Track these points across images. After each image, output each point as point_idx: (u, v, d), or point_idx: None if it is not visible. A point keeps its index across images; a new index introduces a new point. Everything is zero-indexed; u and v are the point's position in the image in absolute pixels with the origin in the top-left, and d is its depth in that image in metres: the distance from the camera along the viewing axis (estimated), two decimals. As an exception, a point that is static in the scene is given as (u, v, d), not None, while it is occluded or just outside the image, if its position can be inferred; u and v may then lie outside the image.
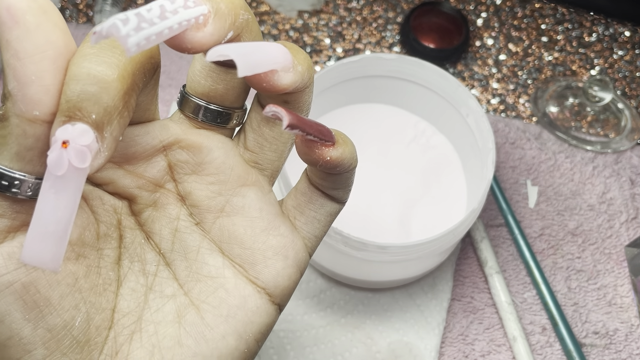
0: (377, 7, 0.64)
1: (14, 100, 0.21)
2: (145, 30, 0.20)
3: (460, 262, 0.53)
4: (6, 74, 0.21)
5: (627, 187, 0.56)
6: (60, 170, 0.20)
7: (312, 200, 0.28)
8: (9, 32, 0.20)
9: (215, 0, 0.22)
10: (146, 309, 0.26)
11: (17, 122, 0.21)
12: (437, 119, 0.54)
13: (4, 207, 0.22)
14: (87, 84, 0.21)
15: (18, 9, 0.20)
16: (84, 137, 0.20)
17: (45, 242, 0.21)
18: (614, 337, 0.51)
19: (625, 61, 0.63)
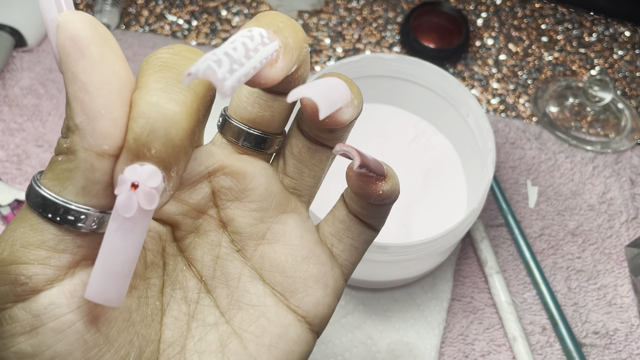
0: (377, 7, 0.64)
1: (82, 134, 0.20)
2: (237, 72, 0.20)
3: (460, 262, 0.53)
4: (72, 107, 0.20)
5: (627, 187, 0.56)
6: (130, 212, 0.20)
7: (351, 228, 0.28)
8: (75, 64, 0.20)
9: (284, 34, 0.22)
10: (189, 339, 0.26)
11: (85, 156, 0.20)
12: (437, 119, 0.54)
13: (67, 242, 0.21)
14: (157, 122, 0.20)
15: (82, 38, 0.20)
16: (153, 179, 0.20)
17: (111, 281, 0.21)
18: (614, 337, 0.51)
19: (625, 61, 0.63)
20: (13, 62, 0.59)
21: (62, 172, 0.21)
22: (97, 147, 0.20)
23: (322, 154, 0.27)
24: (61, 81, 0.58)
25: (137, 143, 0.20)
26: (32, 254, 0.21)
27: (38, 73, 0.59)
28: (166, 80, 0.21)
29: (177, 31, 0.62)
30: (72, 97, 0.20)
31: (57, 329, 0.21)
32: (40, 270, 0.21)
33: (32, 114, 0.57)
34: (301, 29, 0.24)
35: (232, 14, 0.63)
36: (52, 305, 0.21)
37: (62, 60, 0.20)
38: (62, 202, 0.21)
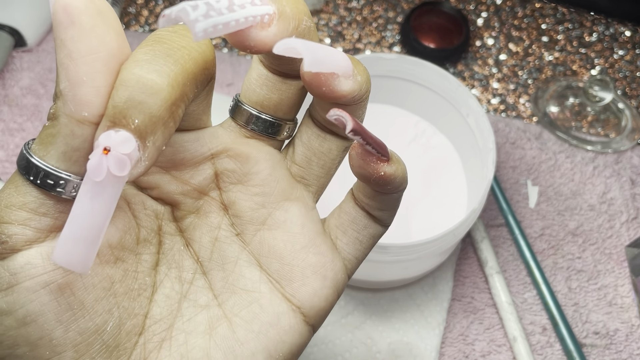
0: (377, 7, 0.64)
1: (65, 100, 0.21)
2: (213, 18, 0.20)
3: (460, 262, 0.53)
4: (58, 73, 0.21)
5: (628, 187, 0.56)
6: (99, 176, 0.20)
7: (356, 221, 0.28)
8: (64, 31, 0.20)
9: (281, 2, 0.22)
10: (178, 317, 0.26)
11: (66, 121, 0.21)
12: (438, 119, 0.54)
13: (48, 206, 0.22)
14: (135, 91, 0.20)
15: (75, 8, 0.20)
16: (125, 145, 0.20)
17: (76, 245, 0.21)
18: (614, 338, 0.51)
19: (625, 61, 0.62)
20: (13, 62, 0.59)
21: (46, 137, 0.21)
22: (77, 113, 0.21)
23: (331, 143, 0.27)
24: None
25: (115, 110, 0.20)
26: (14, 214, 0.22)
27: (38, 73, 0.59)
28: (154, 52, 0.21)
29: (177, 31, 0.62)
30: (59, 63, 0.21)
31: (31, 288, 0.22)
32: (19, 231, 0.22)
33: (31, 113, 0.57)
34: (303, 2, 0.24)
35: (232, 13, 0.63)
36: (28, 265, 0.22)
37: (54, 27, 0.20)
38: (42, 165, 0.21)
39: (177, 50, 0.22)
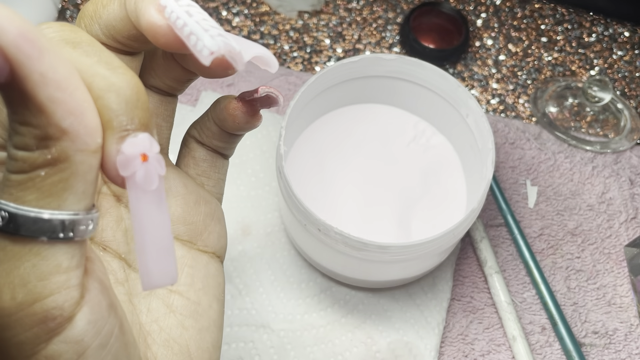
0: (377, 7, 0.64)
1: (74, 136, 0.18)
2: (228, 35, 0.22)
3: (459, 262, 0.53)
4: (51, 112, 0.18)
5: (627, 187, 0.56)
6: (154, 184, 0.19)
7: (216, 164, 0.30)
8: (40, 63, 0.17)
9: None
10: (140, 314, 0.27)
11: (82, 158, 0.19)
12: (437, 119, 0.54)
13: (77, 256, 0.20)
14: (128, 92, 0.19)
15: (31, 32, 0.17)
16: (153, 144, 0.20)
17: (167, 258, 0.20)
18: (613, 337, 0.51)
19: (624, 61, 0.63)
20: (14, 63, 0.59)
21: (52, 185, 0.18)
22: (92, 144, 0.19)
23: (170, 102, 0.29)
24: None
25: (120, 117, 0.19)
26: (53, 282, 0.19)
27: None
28: (93, 50, 0.20)
29: (177, 32, 0.62)
30: (49, 100, 0.18)
31: (102, 344, 0.20)
32: (67, 296, 0.19)
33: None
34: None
35: (233, 14, 0.63)
36: (90, 324, 0.20)
37: (21, 63, 0.17)
38: (69, 216, 0.19)
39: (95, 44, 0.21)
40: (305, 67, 0.61)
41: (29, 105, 0.17)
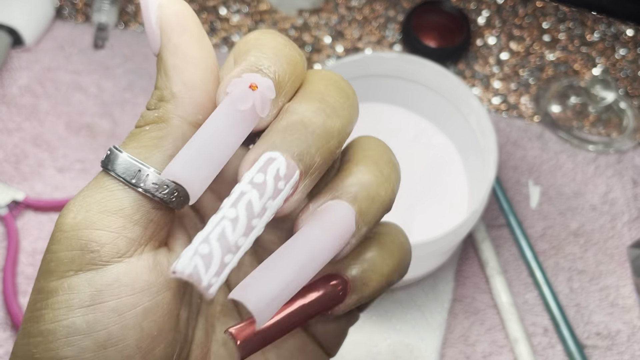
0: (378, 5, 0.64)
1: (178, 103, 0.21)
2: (229, 265, 0.19)
3: (461, 262, 0.53)
4: (170, 76, 0.21)
5: (630, 187, 0.56)
6: (245, 105, 0.20)
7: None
8: (179, 37, 0.21)
9: (306, 155, 0.21)
10: (214, 342, 0.25)
11: (178, 124, 0.21)
12: (439, 119, 0.53)
13: (142, 213, 0.21)
14: (285, 54, 0.22)
15: (185, 15, 0.22)
16: (270, 90, 0.21)
17: (203, 162, 0.20)
18: (616, 338, 0.50)
19: (627, 60, 0.62)
20: (11, 62, 0.59)
21: (150, 140, 0.21)
22: (192, 116, 0.21)
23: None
24: (59, 80, 0.58)
25: (262, 59, 0.21)
26: (109, 220, 0.20)
27: (36, 72, 0.58)
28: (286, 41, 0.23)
29: (176, 30, 0.62)
30: (172, 67, 0.21)
31: (117, 309, 0.20)
32: (113, 239, 0.20)
33: (29, 113, 0.56)
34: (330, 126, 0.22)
35: (232, 12, 0.63)
36: (117, 283, 0.20)
37: (165, 33, 0.21)
38: (146, 167, 0.21)
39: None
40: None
41: (161, 69, 0.21)
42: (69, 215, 0.21)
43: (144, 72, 0.59)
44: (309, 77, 0.23)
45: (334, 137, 0.21)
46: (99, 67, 0.59)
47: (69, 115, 0.56)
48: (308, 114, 0.21)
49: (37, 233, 0.52)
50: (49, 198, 0.53)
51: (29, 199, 0.52)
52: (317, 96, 0.22)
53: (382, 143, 0.25)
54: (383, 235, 0.24)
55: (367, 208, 0.22)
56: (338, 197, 0.21)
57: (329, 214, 0.21)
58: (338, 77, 0.23)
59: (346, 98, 0.22)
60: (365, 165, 0.23)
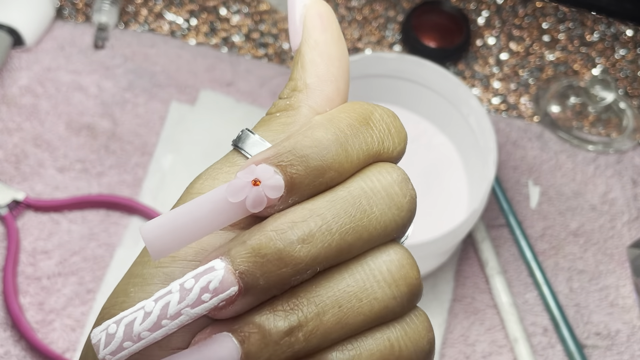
0: (378, 6, 0.64)
1: (310, 93, 0.22)
2: (126, 350, 0.19)
3: (461, 262, 0.53)
4: (306, 69, 0.23)
5: (629, 187, 0.56)
6: (234, 198, 0.20)
7: None
8: (320, 34, 0.23)
9: (257, 272, 0.20)
10: None
11: (307, 113, 0.22)
12: (438, 119, 0.53)
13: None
14: (316, 155, 0.20)
15: (327, 17, 0.23)
16: (274, 191, 0.20)
17: (168, 235, 0.20)
18: (616, 338, 0.50)
19: (627, 61, 0.62)
20: (11, 62, 0.59)
21: (279, 125, 0.22)
22: (321, 108, 0.22)
23: None
24: (59, 80, 0.58)
25: (289, 153, 0.20)
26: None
27: (36, 72, 0.58)
28: (354, 130, 0.21)
29: (176, 30, 0.62)
30: (310, 61, 0.23)
31: None
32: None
33: (30, 113, 0.56)
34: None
35: (232, 12, 0.63)
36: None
37: (307, 29, 0.23)
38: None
39: (377, 143, 0.22)
40: (305, 66, 0.61)
41: (298, 63, 0.23)
42: (198, 181, 0.22)
43: (144, 72, 0.59)
44: (353, 177, 0.22)
45: (287, 266, 0.20)
46: (99, 67, 0.59)
47: (69, 115, 0.56)
48: (270, 235, 0.20)
49: (38, 233, 0.52)
50: (49, 198, 0.53)
51: (29, 198, 0.52)
52: (304, 213, 0.20)
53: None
54: None
55: (258, 352, 0.20)
56: (232, 331, 0.20)
57: (211, 347, 0.20)
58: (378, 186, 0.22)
59: (355, 220, 0.20)
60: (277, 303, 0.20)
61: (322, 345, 0.20)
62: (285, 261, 0.20)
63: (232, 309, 0.20)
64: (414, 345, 0.21)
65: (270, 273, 0.20)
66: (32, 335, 0.47)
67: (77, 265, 0.51)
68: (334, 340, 0.20)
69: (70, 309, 0.49)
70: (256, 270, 0.20)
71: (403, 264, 0.21)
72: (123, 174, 0.54)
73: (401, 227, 0.22)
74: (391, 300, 0.21)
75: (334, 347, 0.21)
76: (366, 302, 0.20)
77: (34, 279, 0.50)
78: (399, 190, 0.22)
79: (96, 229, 0.52)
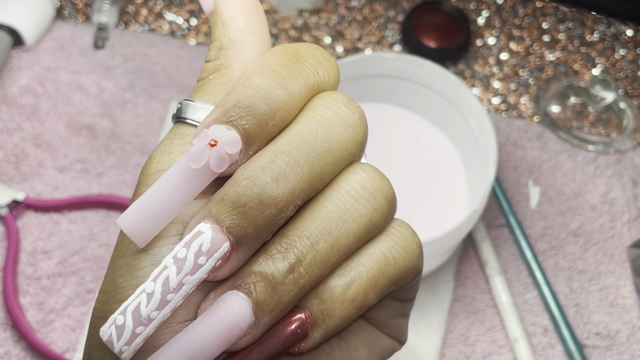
0: (378, 6, 0.64)
1: (238, 48, 0.23)
2: (140, 336, 0.20)
3: (461, 262, 0.53)
4: (227, 25, 0.23)
5: (629, 187, 0.56)
6: (197, 164, 0.20)
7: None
8: None
9: (243, 225, 0.20)
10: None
11: (240, 67, 0.22)
12: (438, 119, 0.53)
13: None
14: (259, 99, 0.21)
15: None
16: (232, 146, 0.20)
17: (146, 219, 0.20)
18: (616, 338, 0.50)
19: (627, 60, 0.62)
20: (11, 62, 0.59)
21: (216, 86, 0.22)
22: (251, 60, 0.22)
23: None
24: (59, 80, 0.58)
25: (235, 107, 0.21)
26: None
27: (36, 72, 0.58)
28: (287, 68, 0.22)
29: (176, 30, 0.62)
30: (229, 17, 0.23)
31: None
32: None
33: (30, 113, 0.56)
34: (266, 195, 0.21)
35: (232, 12, 0.63)
36: None
37: None
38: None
39: (312, 75, 0.22)
40: (305, 66, 0.61)
41: (217, 22, 0.23)
42: (153, 161, 0.22)
43: (144, 72, 0.59)
44: (302, 111, 0.22)
45: (270, 207, 0.20)
46: (99, 67, 0.59)
47: (69, 115, 0.56)
48: (244, 183, 0.20)
49: (38, 233, 0.52)
50: (50, 198, 0.53)
51: (29, 199, 0.52)
52: (270, 155, 0.21)
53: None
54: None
55: (268, 298, 0.20)
56: (236, 287, 0.20)
57: (219, 308, 0.20)
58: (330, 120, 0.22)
59: (317, 148, 0.21)
60: (277, 248, 0.21)
61: (324, 273, 0.21)
62: (266, 203, 0.20)
63: (229, 266, 0.21)
64: (406, 252, 0.23)
65: (256, 219, 0.20)
66: (32, 335, 0.47)
67: (77, 265, 0.51)
68: (333, 265, 0.21)
69: (70, 309, 0.49)
70: (242, 220, 0.20)
71: (374, 177, 0.22)
72: (123, 174, 0.54)
73: (360, 145, 0.22)
74: (374, 214, 0.22)
75: (335, 273, 0.21)
76: (352, 222, 0.21)
77: (34, 279, 0.50)
78: (347, 111, 0.22)
79: (96, 229, 0.52)
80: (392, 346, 0.25)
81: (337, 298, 0.21)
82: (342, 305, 0.21)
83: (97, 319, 0.21)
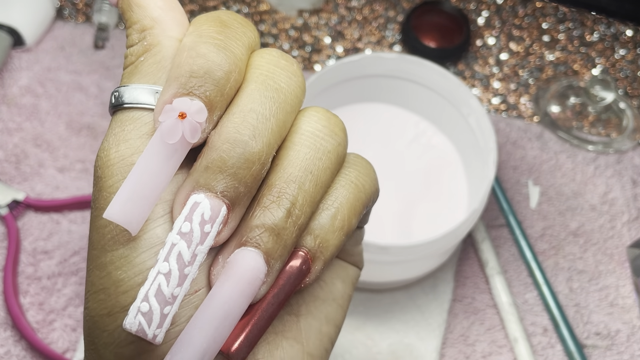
0: (378, 6, 0.64)
1: (162, 25, 0.22)
2: (169, 315, 0.20)
3: (461, 262, 0.53)
4: (145, 6, 0.23)
5: (629, 188, 0.56)
6: (173, 139, 0.21)
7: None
8: None
9: (231, 183, 0.21)
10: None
11: (170, 43, 0.22)
12: (438, 119, 0.53)
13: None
14: (214, 66, 0.21)
15: None
16: (200, 114, 0.21)
17: (136, 203, 0.20)
18: (615, 338, 0.50)
19: (627, 61, 0.62)
20: (11, 62, 0.59)
21: (150, 66, 0.22)
22: (179, 34, 0.23)
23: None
24: (60, 80, 0.58)
25: (192, 78, 0.21)
26: (138, 143, 0.22)
27: (36, 72, 0.58)
28: (225, 33, 0.22)
29: (176, 30, 0.62)
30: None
31: None
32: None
33: (30, 113, 0.56)
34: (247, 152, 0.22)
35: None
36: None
37: None
38: (160, 87, 0.22)
39: (244, 36, 0.23)
40: (305, 66, 0.61)
41: (130, 6, 0.23)
42: (110, 152, 0.22)
43: (144, 73, 0.59)
44: (248, 71, 0.23)
45: (254, 163, 0.21)
46: (100, 68, 0.59)
47: (70, 115, 0.57)
48: (226, 147, 0.21)
49: (38, 233, 0.52)
50: (50, 198, 0.53)
51: (30, 199, 0.52)
52: (239, 116, 0.22)
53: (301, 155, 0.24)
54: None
55: (276, 245, 0.22)
56: (243, 244, 0.21)
57: (236, 267, 0.21)
58: (278, 71, 0.23)
59: (276, 100, 0.22)
60: (273, 198, 0.22)
61: (314, 210, 0.23)
62: (251, 160, 0.21)
63: (228, 228, 0.22)
64: (369, 177, 0.25)
65: (245, 177, 0.21)
66: (33, 335, 0.47)
67: (77, 265, 0.51)
68: (319, 201, 0.23)
69: (71, 309, 0.50)
70: (233, 182, 0.21)
71: (328, 115, 0.24)
72: (123, 174, 0.54)
73: (304, 90, 0.24)
74: (338, 147, 0.24)
75: (320, 208, 0.23)
76: (325, 158, 0.23)
77: (34, 279, 0.50)
78: (285, 62, 0.23)
79: (96, 229, 0.52)
80: (357, 273, 0.28)
81: (329, 229, 0.23)
82: (334, 235, 0.23)
83: (101, 318, 0.21)
